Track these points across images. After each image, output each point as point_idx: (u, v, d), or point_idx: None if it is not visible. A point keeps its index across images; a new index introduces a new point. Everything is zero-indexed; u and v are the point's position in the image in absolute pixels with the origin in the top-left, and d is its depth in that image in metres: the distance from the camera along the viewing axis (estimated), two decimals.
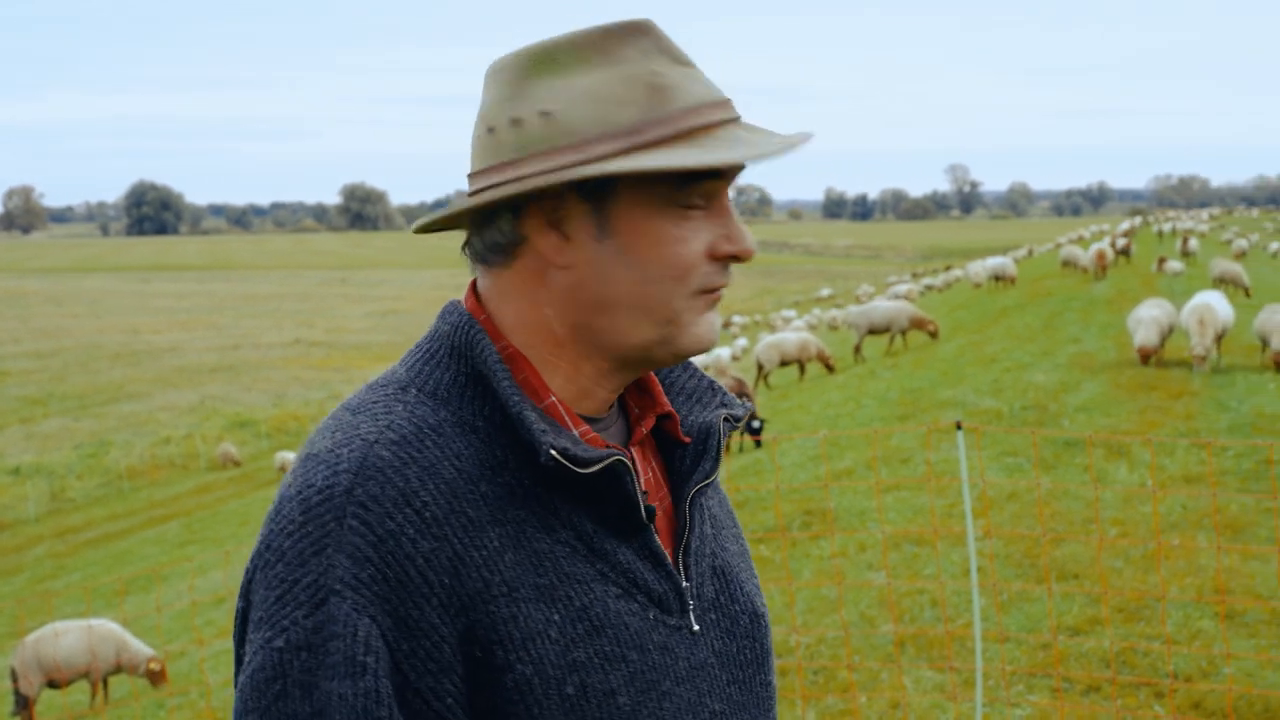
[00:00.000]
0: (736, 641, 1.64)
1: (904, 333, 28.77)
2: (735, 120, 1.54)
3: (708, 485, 1.66)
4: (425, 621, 1.40)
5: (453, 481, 1.46)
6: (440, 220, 1.58)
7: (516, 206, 1.53)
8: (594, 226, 1.51)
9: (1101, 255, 36.90)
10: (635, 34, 1.53)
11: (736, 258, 1.54)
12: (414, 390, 1.55)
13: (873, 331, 28.96)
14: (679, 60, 1.54)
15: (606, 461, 1.48)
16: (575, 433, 1.55)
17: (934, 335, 28.67)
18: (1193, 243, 46.15)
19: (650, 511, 1.55)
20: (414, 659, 1.40)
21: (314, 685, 1.37)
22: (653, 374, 1.72)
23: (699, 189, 1.50)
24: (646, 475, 1.65)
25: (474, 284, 1.65)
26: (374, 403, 1.54)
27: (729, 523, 1.80)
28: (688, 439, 1.68)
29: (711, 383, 1.77)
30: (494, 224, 1.55)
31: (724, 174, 1.52)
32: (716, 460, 1.66)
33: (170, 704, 11.45)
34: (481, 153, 1.55)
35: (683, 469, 1.67)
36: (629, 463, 1.51)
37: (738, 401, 1.76)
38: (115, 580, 19.75)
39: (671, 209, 1.50)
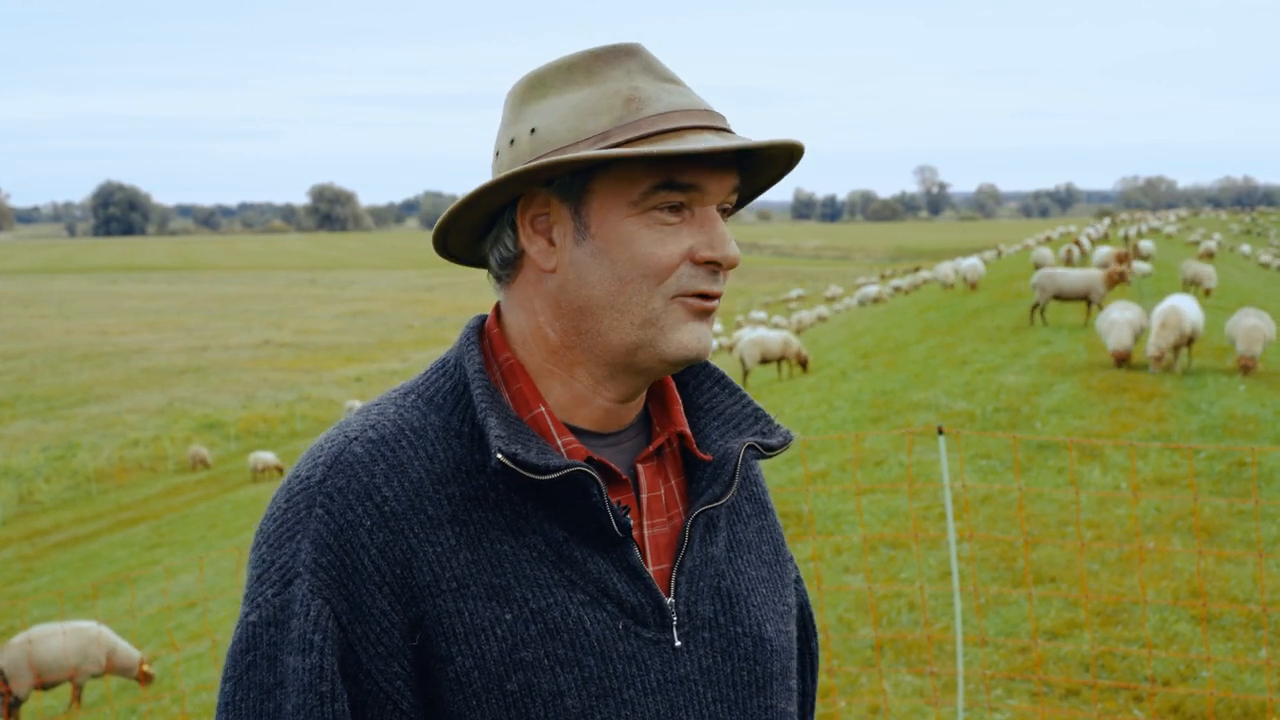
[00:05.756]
0: (732, 662, 1.66)
1: (1096, 302, 24.65)
2: (713, 129, 1.58)
3: (717, 508, 1.69)
4: (376, 607, 1.50)
5: (419, 481, 1.55)
6: (454, 243, 1.70)
7: (514, 221, 1.62)
8: (574, 230, 1.58)
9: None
10: (621, 55, 1.61)
11: (715, 263, 1.58)
12: (414, 396, 1.64)
13: (1059, 298, 25.18)
14: (663, 77, 1.61)
15: (565, 471, 1.53)
16: (559, 443, 1.61)
17: (1124, 275, 25.00)
18: (1146, 244, 45.24)
19: (625, 526, 1.58)
20: (365, 641, 1.50)
21: (277, 658, 1.50)
22: (675, 393, 1.76)
23: (667, 194, 1.55)
24: (656, 492, 1.68)
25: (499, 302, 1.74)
26: (376, 404, 1.64)
27: (765, 549, 1.82)
28: (708, 457, 1.71)
29: (756, 410, 1.79)
30: (500, 241, 1.65)
31: (699, 184, 1.56)
32: (728, 486, 1.68)
33: (143, 709, 11.36)
34: (492, 174, 1.64)
35: (697, 489, 1.70)
36: (594, 476, 1.54)
37: (781, 431, 1.78)
38: (86, 584, 19.62)
39: (644, 213, 1.55)
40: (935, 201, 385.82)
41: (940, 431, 6.66)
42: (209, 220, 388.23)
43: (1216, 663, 7.24)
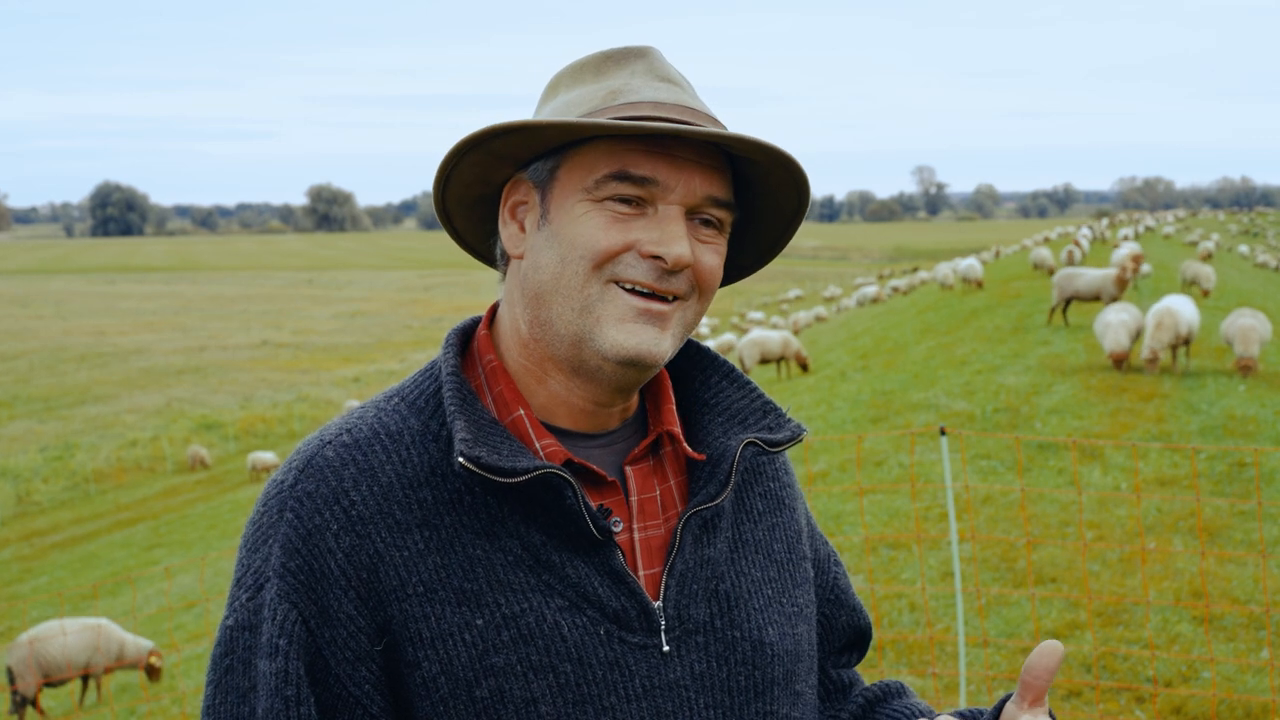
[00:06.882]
0: (729, 667, 1.63)
1: (1106, 303, 23.73)
2: (688, 124, 1.53)
3: (712, 508, 1.65)
4: (343, 612, 1.49)
5: (388, 485, 1.53)
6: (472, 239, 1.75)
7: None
8: (539, 215, 1.58)
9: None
10: (630, 57, 1.62)
11: (659, 259, 1.53)
12: (397, 399, 1.63)
13: (1077, 298, 24.82)
14: (663, 78, 1.61)
15: (533, 473, 1.50)
16: (537, 445, 1.58)
17: (1123, 276, 24.42)
18: (1132, 246, 44.56)
19: (604, 529, 1.55)
20: (333, 645, 1.49)
21: (251, 662, 1.50)
22: (669, 391, 1.73)
23: (619, 184, 1.53)
24: (650, 494, 1.65)
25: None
26: (361, 407, 1.63)
27: (777, 548, 1.78)
28: (700, 456, 1.68)
29: (765, 404, 1.76)
30: (498, 235, 1.68)
31: (658, 178, 1.53)
32: (723, 486, 1.64)
33: (143, 710, 11.36)
34: None
35: (695, 489, 1.67)
36: (567, 478, 1.51)
37: (790, 424, 1.74)
38: (85, 585, 19.60)
39: (597, 201, 1.54)
40: (933, 202, 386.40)
41: (943, 432, 6.65)
42: (207, 221, 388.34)
43: (1218, 663, 7.24)
